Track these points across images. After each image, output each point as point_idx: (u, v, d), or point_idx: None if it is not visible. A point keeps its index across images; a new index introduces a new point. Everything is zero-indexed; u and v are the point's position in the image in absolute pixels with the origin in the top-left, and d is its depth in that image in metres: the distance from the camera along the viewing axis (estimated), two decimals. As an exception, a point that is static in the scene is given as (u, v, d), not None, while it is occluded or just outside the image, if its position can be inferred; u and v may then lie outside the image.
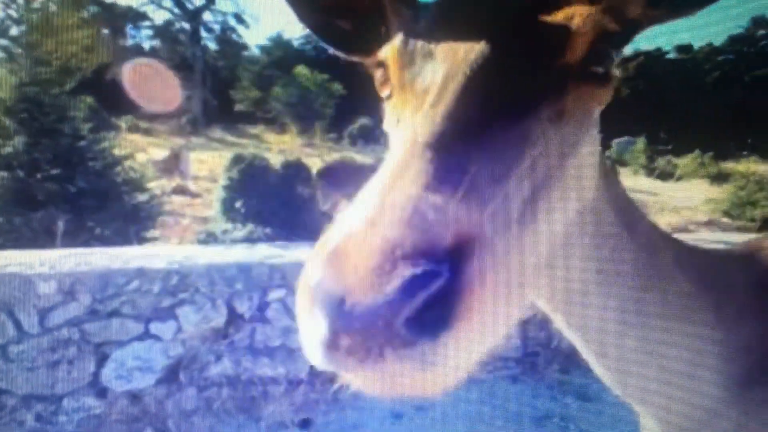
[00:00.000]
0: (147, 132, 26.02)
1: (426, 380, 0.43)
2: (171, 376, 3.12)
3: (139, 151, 12.37)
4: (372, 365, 0.41)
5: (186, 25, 34.06)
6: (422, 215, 0.43)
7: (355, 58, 0.87)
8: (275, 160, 6.18)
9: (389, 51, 0.71)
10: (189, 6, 33.51)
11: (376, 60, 0.74)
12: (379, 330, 0.41)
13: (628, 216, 0.93)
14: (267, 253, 3.45)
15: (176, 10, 33.14)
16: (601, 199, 0.85)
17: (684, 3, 0.70)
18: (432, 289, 0.40)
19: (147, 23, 33.63)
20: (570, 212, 0.70)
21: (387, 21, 0.78)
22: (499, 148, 0.54)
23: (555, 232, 0.68)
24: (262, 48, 43.42)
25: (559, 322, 0.98)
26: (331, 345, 0.42)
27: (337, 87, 33.93)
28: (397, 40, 0.70)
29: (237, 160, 5.47)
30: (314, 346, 0.44)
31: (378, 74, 0.74)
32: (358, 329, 0.41)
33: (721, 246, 1.32)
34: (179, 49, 33.56)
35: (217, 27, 35.71)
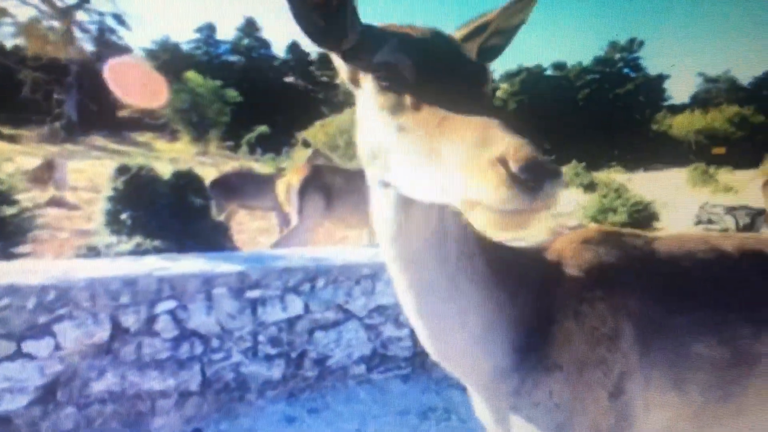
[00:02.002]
0: (11, 139, 23.40)
1: (534, 220, 0.80)
2: (47, 395, 2.95)
3: (5, 159, 11.17)
4: (538, 191, 0.76)
5: (56, 24, 30.76)
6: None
7: (323, 48, 1.15)
8: (166, 170, 5.95)
9: (410, 70, 1.04)
10: (59, 4, 30.28)
11: (392, 66, 1.06)
12: (543, 169, 0.76)
13: None
14: (155, 264, 3.38)
15: (44, 8, 29.78)
16: None
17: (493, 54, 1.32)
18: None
19: (8, 20, 29.84)
20: None
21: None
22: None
23: None
24: (148, 51, 40.98)
25: (400, 286, 1.25)
26: (526, 180, 0.76)
27: (233, 93, 32.95)
28: (412, 68, 1.04)
29: (122, 170, 5.22)
30: (508, 192, 0.77)
31: (382, 73, 1.07)
32: (538, 166, 0.76)
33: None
34: (48, 49, 30.25)
35: (93, 27, 32.67)
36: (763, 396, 1.43)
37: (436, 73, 1.03)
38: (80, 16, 31.48)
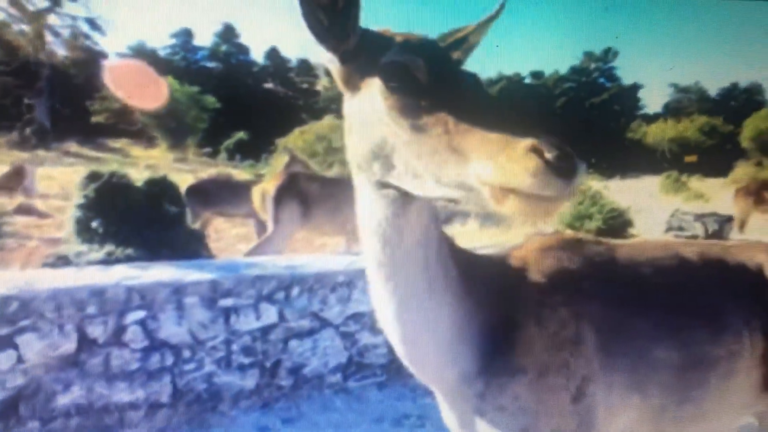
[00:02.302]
0: (-23, 145, 22.77)
1: (560, 208, 0.88)
2: (9, 410, 2.85)
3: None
4: (571, 178, 0.84)
5: (26, 28, 29.82)
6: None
7: (324, 46, 1.14)
8: (143, 176, 5.83)
9: (422, 68, 1.06)
10: (29, 7, 29.35)
11: (409, 69, 1.06)
12: (574, 158, 0.84)
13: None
14: (124, 273, 3.31)
15: (12, 11, 28.84)
16: None
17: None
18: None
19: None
20: None
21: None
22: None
23: None
24: (123, 57, 40.39)
25: (383, 291, 1.25)
26: (560, 167, 0.83)
27: (211, 100, 32.63)
28: (424, 69, 1.05)
29: (93, 177, 5.11)
30: (547, 177, 0.83)
31: (390, 74, 1.07)
32: (570, 156, 0.84)
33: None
34: (19, 53, 29.41)
35: (66, 32, 31.72)
36: (722, 399, 1.46)
37: (445, 75, 1.06)
38: (52, 20, 30.74)
